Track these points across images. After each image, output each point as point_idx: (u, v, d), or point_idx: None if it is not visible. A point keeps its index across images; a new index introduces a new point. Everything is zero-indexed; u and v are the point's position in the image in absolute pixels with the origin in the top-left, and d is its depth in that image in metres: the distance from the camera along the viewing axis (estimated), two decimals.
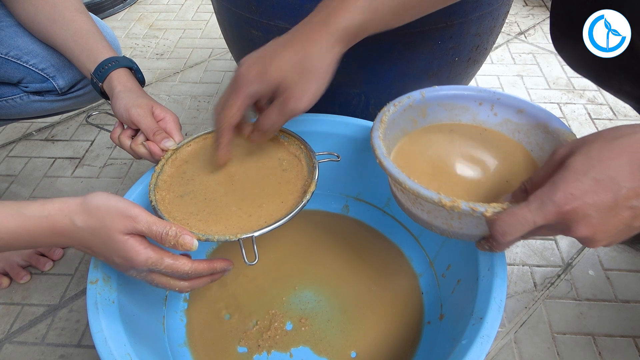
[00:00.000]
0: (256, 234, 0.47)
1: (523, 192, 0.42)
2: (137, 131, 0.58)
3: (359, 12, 0.45)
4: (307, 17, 0.47)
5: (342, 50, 0.47)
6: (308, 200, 0.50)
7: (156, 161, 0.56)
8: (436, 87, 0.56)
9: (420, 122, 0.57)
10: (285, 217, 0.48)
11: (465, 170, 0.52)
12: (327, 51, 0.46)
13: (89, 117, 0.65)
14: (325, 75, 0.47)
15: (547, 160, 0.40)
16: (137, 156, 0.57)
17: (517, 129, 0.55)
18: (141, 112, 0.55)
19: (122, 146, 0.58)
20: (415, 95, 0.55)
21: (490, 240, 0.43)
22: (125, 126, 0.58)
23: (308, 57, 0.45)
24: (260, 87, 0.46)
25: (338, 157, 0.56)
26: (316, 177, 0.52)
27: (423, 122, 0.57)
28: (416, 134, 0.56)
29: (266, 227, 0.47)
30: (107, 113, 0.63)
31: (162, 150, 0.55)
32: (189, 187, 0.54)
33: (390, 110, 0.52)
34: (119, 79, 0.57)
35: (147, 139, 0.56)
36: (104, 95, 0.61)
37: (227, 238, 0.46)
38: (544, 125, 0.52)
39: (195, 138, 0.59)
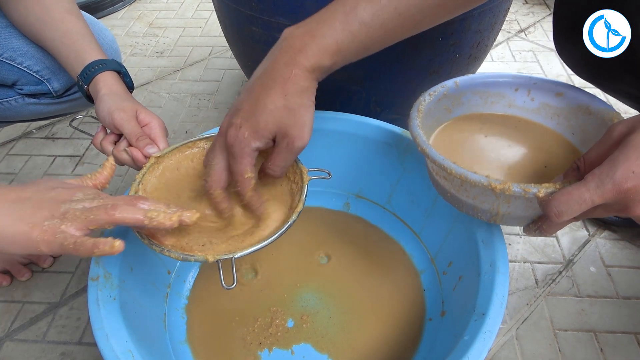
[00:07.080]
0: (237, 255, 0.43)
1: (575, 171, 0.40)
2: (120, 136, 0.55)
3: (323, 56, 0.44)
4: (275, 56, 0.45)
5: (320, 78, 0.46)
6: (294, 221, 0.47)
7: (138, 168, 0.52)
8: (471, 75, 0.56)
9: (455, 111, 0.56)
10: (268, 239, 0.45)
11: (502, 159, 0.52)
12: (306, 86, 0.45)
13: (72, 120, 0.62)
14: (312, 104, 0.46)
15: (602, 138, 0.39)
16: (120, 163, 0.53)
17: (556, 112, 0.53)
18: (124, 116, 0.52)
19: (104, 152, 0.55)
20: (449, 84, 0.54)
21: (541, 222, 0.42)
22: (109, 131, 0.56)
23: (292, 96, 0.44)
24: (260, 144, 0.45)
25: (329, 174, 0.53)
26: (304, 197, 0.49)
27: (458, 110, 0.56)
28: (449, 126, 0.55)
29: (248, 248, 0.44)
30: (91, 117, 0.59)
31: (145, 157, 0.52)
32: (171, 201, 0.50)
33: (426, 100, 0.52)
34: (105, 82, 0.55)
35: (130, 145, 0.53)
36: (90, 99, 0.58)
37: (204, 258, 0.42)
38: (585, 107, 0.50)
39: (179, 146, 0.54)
